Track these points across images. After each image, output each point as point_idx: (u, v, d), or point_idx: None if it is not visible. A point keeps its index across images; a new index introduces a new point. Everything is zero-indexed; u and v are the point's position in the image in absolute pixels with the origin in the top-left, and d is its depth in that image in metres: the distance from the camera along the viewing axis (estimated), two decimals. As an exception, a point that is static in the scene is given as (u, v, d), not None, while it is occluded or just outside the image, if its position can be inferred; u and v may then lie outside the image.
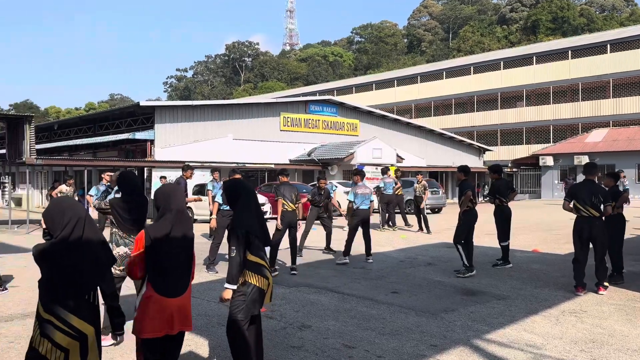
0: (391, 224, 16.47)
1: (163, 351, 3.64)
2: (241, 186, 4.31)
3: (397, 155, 27.40)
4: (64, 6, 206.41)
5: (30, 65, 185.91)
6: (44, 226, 3.33)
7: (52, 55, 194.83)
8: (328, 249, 11.49)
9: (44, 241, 3.07)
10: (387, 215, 16.40)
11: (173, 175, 20.03)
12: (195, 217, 18.36)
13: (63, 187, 14.31)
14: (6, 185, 27.79)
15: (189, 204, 14.22)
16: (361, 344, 5.23)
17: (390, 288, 7.78)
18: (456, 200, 34.31)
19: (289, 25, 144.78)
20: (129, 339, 5.49)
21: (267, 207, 18.73)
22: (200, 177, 19.82)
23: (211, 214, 9.74)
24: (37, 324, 2.90)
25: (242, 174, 10.17)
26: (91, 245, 2.98)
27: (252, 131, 25.67)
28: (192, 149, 23.10)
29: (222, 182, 9.70)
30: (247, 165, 23.53)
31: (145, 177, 22.12)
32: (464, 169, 9.20)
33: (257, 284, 4.03)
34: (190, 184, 14.72)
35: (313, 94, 51.18)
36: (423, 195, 16.06)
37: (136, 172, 21.97)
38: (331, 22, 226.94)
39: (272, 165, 24.71)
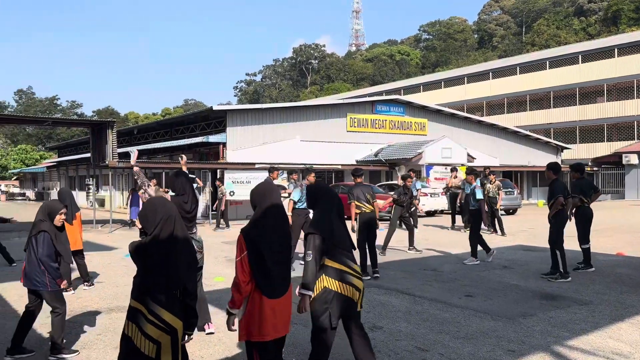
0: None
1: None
2: (320, 190, 4.17)
3: (468, 155, 26.65)
4: (138, 16, 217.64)
5: (110, 73, 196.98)
6: (139, 226, 3.47)
7: (130, 63, 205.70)
8: (412, 247, 11.46)
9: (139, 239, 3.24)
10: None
11: (244, 176, 20.59)
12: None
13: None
14: (91, 186, 29.61)
15: None
16: (435, 347, 5.13)
17: (464, 291, 7.59)
18: (532, 200, 32.31)
19: (355, 25, 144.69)
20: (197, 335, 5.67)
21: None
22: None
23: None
24: (128, 314, 3.06)
25: (316, 173, 10.25)
26: (181, 244, 3.11)
27: (319, 132, 25.86)
28: (261, 150, 23.62)
29: (300, 183, 9.99)
30: (314, 166, 23.74)
31: (217, 178, 22.86)
32: (553, 167, 8.61)
33: (339, 291, 3.84)
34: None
35: (379, 94, 50.80)
36: (497, 196, 15.49)
37: (209, 174, 22.77)
38: (397, 21, 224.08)
39: (339, 166, 24.79)
